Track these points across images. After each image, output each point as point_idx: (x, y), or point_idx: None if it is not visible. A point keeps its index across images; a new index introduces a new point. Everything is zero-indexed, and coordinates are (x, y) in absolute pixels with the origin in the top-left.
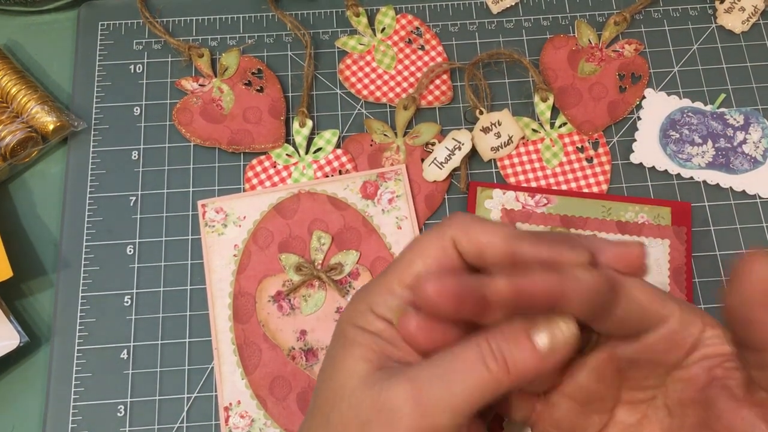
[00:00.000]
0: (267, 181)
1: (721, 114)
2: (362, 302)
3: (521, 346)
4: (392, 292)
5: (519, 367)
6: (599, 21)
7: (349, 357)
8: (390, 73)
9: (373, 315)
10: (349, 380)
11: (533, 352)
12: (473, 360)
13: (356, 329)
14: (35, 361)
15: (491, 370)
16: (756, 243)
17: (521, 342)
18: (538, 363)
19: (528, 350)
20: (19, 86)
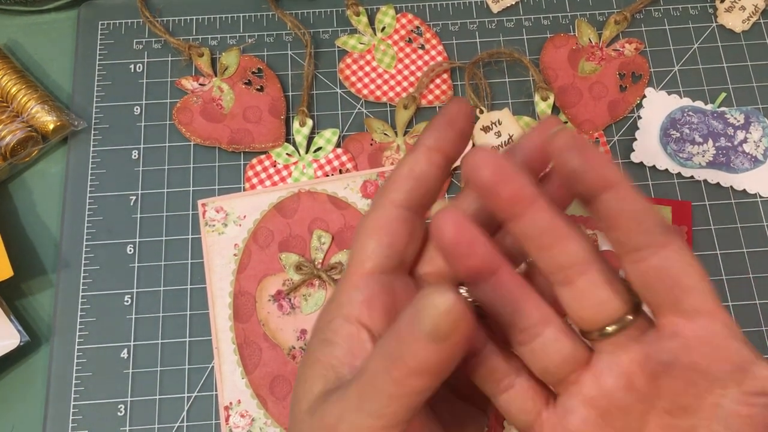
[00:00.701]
0: (267, 181)
1: (721, 113)
2: (328, 311)
3: (412, 340)
4: (356, 287)
5: (423, 366)
6: (599, 20)
7: (308, 377)
8: (390, 73)
9: (340, 320)
10: (303, 402)
11: (425, 344)
12: (376, 371)
13: (319, 343)
14: (35, 361)
15: (395, 378)
16: (756, 242)
17: (411, 336)
18: (436, 354)
19: (419, 343)
20: (19, 86)
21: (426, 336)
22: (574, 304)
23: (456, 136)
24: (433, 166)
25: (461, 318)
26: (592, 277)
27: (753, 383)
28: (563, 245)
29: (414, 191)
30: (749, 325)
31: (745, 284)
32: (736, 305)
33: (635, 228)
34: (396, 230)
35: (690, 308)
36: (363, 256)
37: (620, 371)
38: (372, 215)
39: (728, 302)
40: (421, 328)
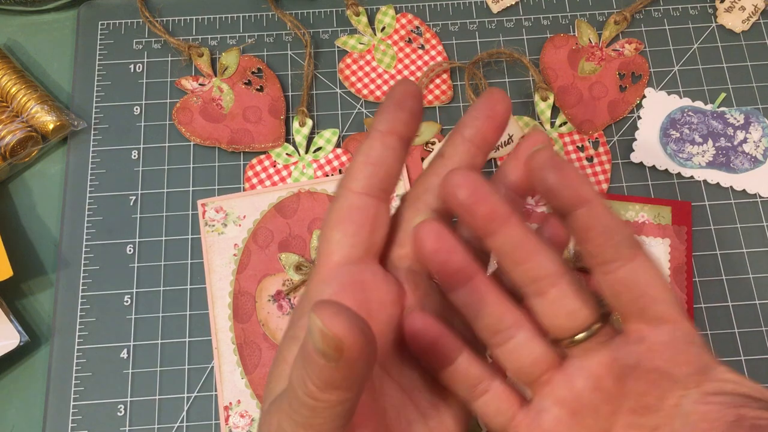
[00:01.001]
0: (267, 181)
1: (721, 113)
2: (299, 308)
3: (311, 363)
4: (325, 280)
5: (327, 382)
6: (599, 20)
7: (273, 376)
8: (390, 73)
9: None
10: (265, 403)
11: (320, 364)
12: (298, 383)
13: (286, 341)
14: (35, 361)
15: (310, 392)
16: (756, 242)
17: (310, 358)
18: (333, 371)
19: (316, 364)
20: (18, 86)
21: (319, 357)
22: (546, 314)
23: (407, 116)
24: (388, 149)
25: (341, 342)
26: (563, 289)
27: (711, 385)
28: (535, 259)
29: (373, 177)
30: (749, 325)
31: (745, 284)
32: (736, 305)
33: (605, 242)
34: (359, 218)
35: (654, 316)
36: (328, 249)
37: (589, 373)
38: (334, 206)
39: (728, 302)
40: (316, 348)
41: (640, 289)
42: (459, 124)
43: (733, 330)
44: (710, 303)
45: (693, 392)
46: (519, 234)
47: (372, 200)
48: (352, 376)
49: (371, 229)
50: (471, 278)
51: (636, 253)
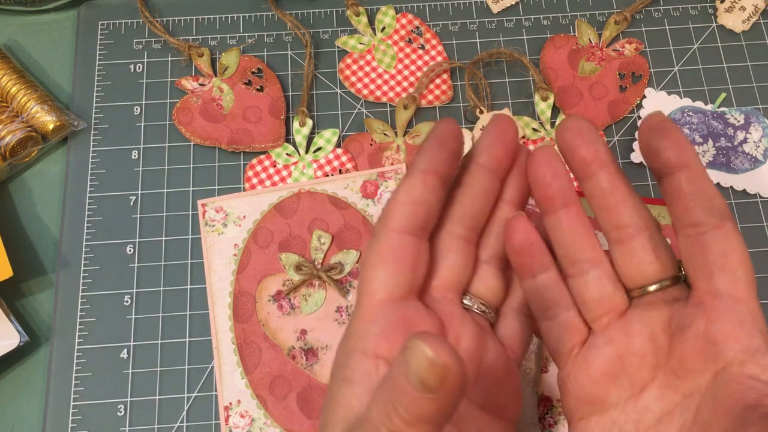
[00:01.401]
0: (267, 181)
1: (721, 113)
2: (345, 347)
3: (404, 393)
4: (371, 319)
5: (417, 415)
6: (599, 20)
7: (329, 420)
8: (390, 73)
9: (359, 355)
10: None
11: (415, 395)
12: (380, 419)
13: (338, 383)
14: (35, 361)
15: (395, 426)
16: (756, 243)
17: (402, 388)
18: (429, 404)
19: (409, 395)
20: (18, 86)
21: (416, 388)
22: (622, 261)
23: (448, 156)
24: (429, 189)
25: (448, 370)
26: (642, 241)
27: (753, 367)
28: (621, 208)
29: (414, 216)
30: None
31: None
32: None
33: (696, 206)
34: (401, 257)
35: (721, 286)
36: (372, 288)
37: (645, 325)
38: (375, 245)
39: None
40: (411, 380)
41: (714, 256)
42: (473, 152)
43: None
44: None
45: (733, 369)
46: (612, 181)
47: (412, 239)
48: (445, 410)
49: (413, 267)
50: (566, 205)
51: (724, 223)
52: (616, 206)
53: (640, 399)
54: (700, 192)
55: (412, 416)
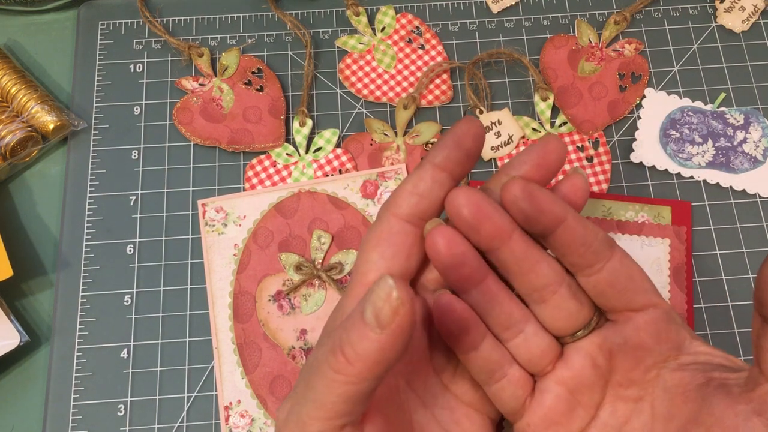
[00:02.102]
0: (267, 181)
1: (721, 113)
2: (334, 320)
3: (355, 328)
4: (358, 298)
5: (359, 353)
6: (599, 20)
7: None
8: (390, 73)
9: None
10: None
11: (365, 331)
12: (320, 361)
13: (322, 348)
14: (35, 361)
15: (332, 366)
16: (756, 242)
17: (355, 324)
18: (375, 342)
19: (360, 330)
20: (19, 86)
21: (366, 322)
22: (549, 318)
23: (463, 156)
24: (436, 184)
25: (401, 306)
26: (563, 294)
27: (687, 357)
28: (536, 270)
29: (416, 206)
30: (749, 326)
31: (745, 284)
32: (736, 305)
33: (585, 251)
34: (398, 243)
35: (638, 305)
36: (366, 268)
37: (585, 354)
38: (376, 228)
39: (728, 302)
40: (366, 313)
41: (622, 284)
42: (509, 164)
43: (732, 330)
44: (710, 303)
45: (671, 364)
46: (521, 248)
47: (411, 228)
48: (387, 352)
49: (408, 255)
50: (483, 280)
51: (613, 251)
52: (532, 269)
53: (597, 419)
54: (583, 238)
55: (355, 353)
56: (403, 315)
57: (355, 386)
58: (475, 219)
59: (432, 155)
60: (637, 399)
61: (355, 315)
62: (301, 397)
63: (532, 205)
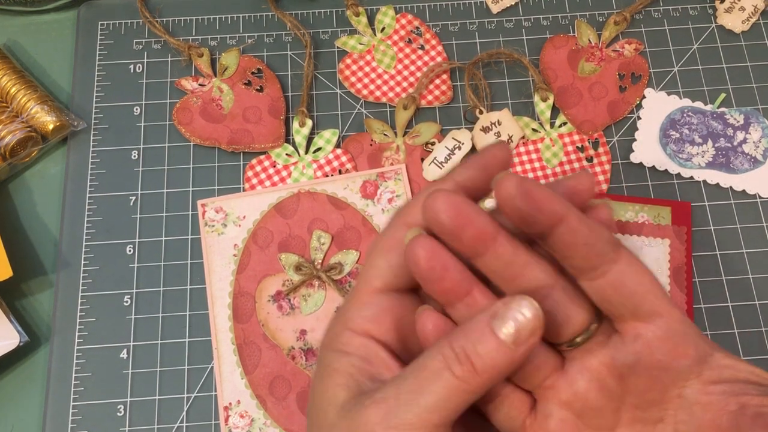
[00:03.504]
0: (267, 181)
1: (721, 114)
2: (337, 323)
3: (485, 341)
4: (365, 303)
5: (488, 365)
6: (599, 21)
7: (329, 386)
8: (390, 73)
9: (349, 332)
10: (329, 411)
11: (498, 345)
12: (438, 368)
13: (333, 354)
14: (35, 361)
15: (457, 374)
16: (756, 242)
17: (484, 337)
18: (507, 355)
19: (492, 343)
20: (18, 86)
21: (503, 338)
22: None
23: (486, 180)
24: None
25: (540, 327)
26: (557, 297)
27: (710, 373)
28: (526, 274)
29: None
30: (749, 326)
31: (745, 284)
32: (736, 305)
33: (588, 253)
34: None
35: (647, 312)
36: (372, 274)
37: (591, 375)
38: (386, 234)
39: (728, 303)
40: (503, 331)
41: (628, 289)
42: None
43: (732, 330)
44: (710, 303)
45: (694, 382)
46: (507, 251)
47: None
48: (514, 364)
49: None
50: (468, 292)
51: (619, 253)
52: (521, 273)
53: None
54: (586, 239)
55: (484, 364)
56: (539, 335)
57: (472, 395)
58: (455, 224)
59: (457, 172)
60: (657, 420)
61: (483, 327)
62: (405, 404)
63: (529, 202)
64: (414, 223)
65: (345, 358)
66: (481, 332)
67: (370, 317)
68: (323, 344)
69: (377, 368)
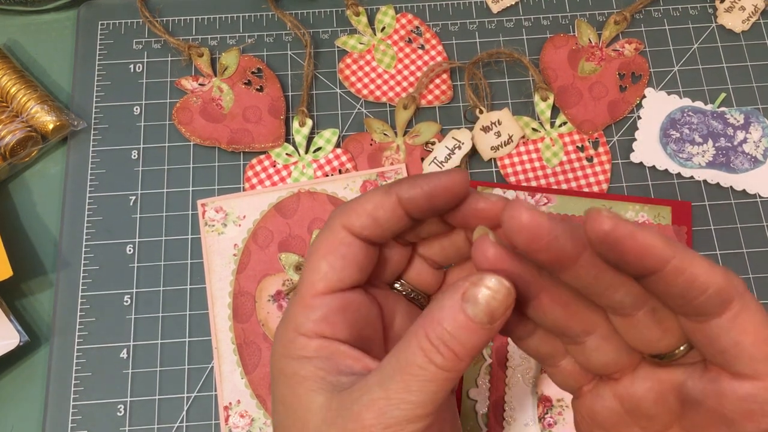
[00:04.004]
0: (267, 181)
1: (721, 113)
2: (287, 330)
3: (461, 326)
4: (310, 307)
5: (468, 348)
6: (599, 20)
7: (301, 395)
8: (390, 73)
9: (303, 338)
10: (309, 419)
11: (476, 328)
12: (422, 363)
13: (293, 361)
14: (35, 361)
15: (441, 365)
16: (756, 242)
17: (460, 322)
18: (485, 335)
19: (470, 328)
20: (18, 86)
21: (473, 319)
22: (627, 336)
23: (430, 209)
24: (395, 218)
25: (513, 299)
26: (640, 318)
27: None
28: (607, 296)
29: (369, 229)
30: None
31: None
32: None
33: (684, 304)
34: (349, 255)
35: (735, 372)
36: (314, 278)
37: (653, 386)
38: (326, 236)
39: None
40: (475, 313)
41: (722, 346)
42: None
43: None
44: None
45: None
46: (588, 275)
47: (362, 244)
48: (490, 338)
49: (360, 268)
50: (536, 296)
51: (727, 307)
52: (603, 294)
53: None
54: (685, 289)
55: (465, 348)
56: (512, 307)
57: (457, 378)
58: (531, 247)
59: (403, 188)
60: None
61: (456, 313)
62: (397, 401)
63: (616, 254)
64: (354, 230)
65: (308, 362)
66: (455, 318)
67: (320, 319)
68: (277, 353)
69: (344, 362)
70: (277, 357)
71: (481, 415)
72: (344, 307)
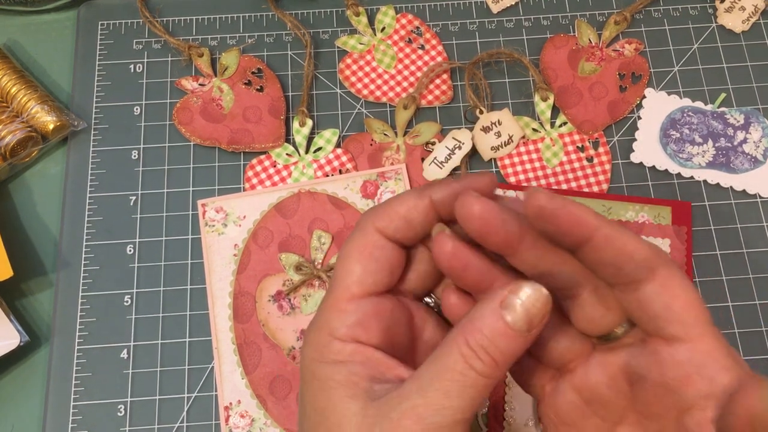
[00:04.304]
0: (267, 181)
1: (721, 113)
2: (321, 334)
3: (499, 332)
4: (345, 310)
5: (508, 355)
6: (599, 20)
7: (336, 401)
8: (390, 73)
9: (338, 342)
10: (345, 426)
11: (515, 335)
12: (461, 369)
13: (328, 366)
14: (35, 361)
15: (480, 371)
16: (756, 242)
17: (499, 329)
18: (523, 341)
19: (509, 334)
20: (19, 86)
21: (512, 327)
22: (575, 319)
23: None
24: (427, 219)
25: (549, 307)
26: (584, 298)
27: (713, 412)
28: (553, 275)
29: (401, 231)
30: (749, 326)
31: (745, 284)
32: (736, 305)
33: (615, 272)
34: (382, 258)
35: (669, 335)
36: (349, 281)
37: (605, 371)
38: (359, 239)
39: (728, 303)
40: (514, 320)
41: (654, 311)
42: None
43: (733, 330)
44: (710, 303)
45: (696, 415)
46: (533, 255)
47: (395, 246)
48: (529, 344)
49: (390, 271)
50: (490, 285)
51: (654, 273)
52: (549, 273)
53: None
54: (615, 257)
55: (504, 355)
56: (548, 315)
57: (494, 384)
58: (482, 231)
59: (435, 190)
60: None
61: (496, 320)
62: (438, 408)
63: (551, 222)
64: (386, 232)
65: (343, 367)
66: (494, 325)
67: (355, 324)
68: (309, 357)
69: (378, 370)
70: (308, 360)
71: (481, 415)
72: (378, 312)
